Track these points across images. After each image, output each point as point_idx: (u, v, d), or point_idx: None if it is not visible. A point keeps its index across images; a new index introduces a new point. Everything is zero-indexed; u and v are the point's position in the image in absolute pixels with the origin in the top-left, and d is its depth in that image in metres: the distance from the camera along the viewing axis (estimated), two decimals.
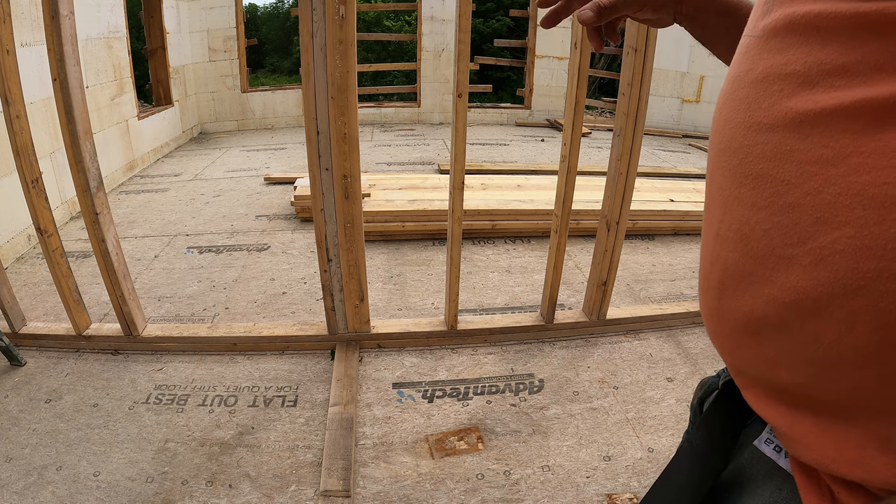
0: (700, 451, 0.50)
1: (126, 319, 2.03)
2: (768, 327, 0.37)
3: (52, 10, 1.54)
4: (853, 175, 0.30)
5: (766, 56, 0.37)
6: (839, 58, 0.32)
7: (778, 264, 0.35)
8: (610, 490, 1.53)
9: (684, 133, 6.96)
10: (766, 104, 0.36)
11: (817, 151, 0.32)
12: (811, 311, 0.33)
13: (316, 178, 1.81)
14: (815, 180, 0.32)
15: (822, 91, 0.32)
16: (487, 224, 3.24)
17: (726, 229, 0.40)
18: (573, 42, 1.82)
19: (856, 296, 0.30)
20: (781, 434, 0.40)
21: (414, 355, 2.12)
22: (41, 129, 3.17)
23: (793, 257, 0.34)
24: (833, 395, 0.34)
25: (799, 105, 0.33)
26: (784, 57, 0.35)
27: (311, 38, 1.62)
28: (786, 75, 0.35)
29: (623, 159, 1.97)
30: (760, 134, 0.36)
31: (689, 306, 2.41)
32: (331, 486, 1.49)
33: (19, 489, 1.48)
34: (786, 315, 0.35)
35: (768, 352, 0.38)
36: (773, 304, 0.36)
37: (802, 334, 0.34)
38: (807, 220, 0.33)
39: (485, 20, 11.74)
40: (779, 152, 0.35)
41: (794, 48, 0.34)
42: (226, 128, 6.73)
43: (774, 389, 0.40)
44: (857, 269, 0.30)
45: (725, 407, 0.50)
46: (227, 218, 3.63)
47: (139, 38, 5.63)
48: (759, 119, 0.36)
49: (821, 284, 0.32)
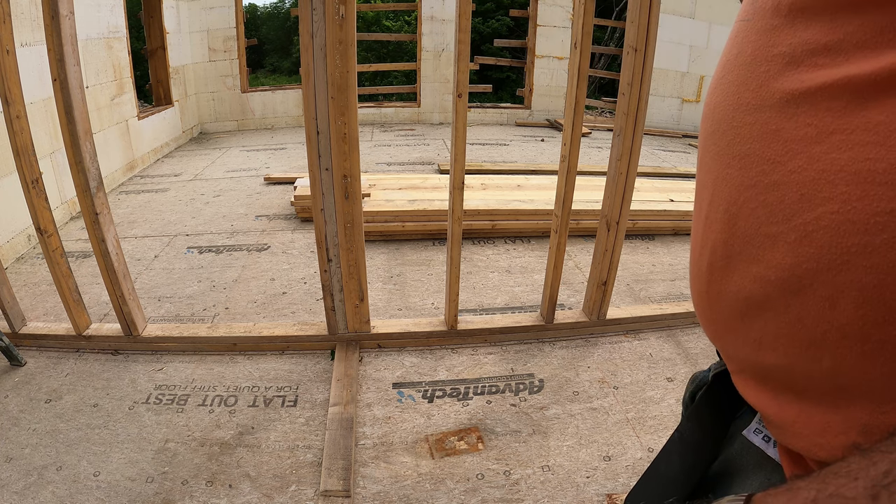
0: (690, 441, 0.50)
1: (126, 319, 2.03)
2: (754, 307, 0.37)
3: (52, 10, 1.54)
4: (836, 152, 0.30)
5: (753, 38, 0.37)
6: (823, 37, 0.32)
7: (764, 242, 0.35)
8: (610, 490, 1.53)
9: (684, 133, 6.96)
10: (753, 85, 0.36)
11: (802, 130, 0.32)
12: (795, 288, 0.33)
13: (316, 178, 1.81)
14: (799, 158, 0.32)
15: (807, 70, 0.33)
16: (487, 224, 3.24)
17: (714, 211, 0.40)
18: (573, 42, 1.82)
19: (839, 271, 0.30)
20: (769, 421, 0.40)
21: (414, 355, 2.12)
22: (41, 129, 3.17)
23: (778, 235, 0.34)
24: (816, 377, 0.34)
25: (785, 85, 0.34)
26: (771, 38, 0.36)
27: (311, 38, 1.62)
28: (773, 56, 0.35)
29: (623, 159, 1.97)
30: (748, 114, 0.37)
31: (689, 306, 2.41)
32: (331, 486, 1.49)
33: (19, 489, 1.48)
34: (771, 293, 0.35)
35: (754, 333, 0.38)
36: (759, 282, 0.36)
37: (787, 313, 0.34)
38: (792, 198, 0.33)
39: (485, 20, 11.73)
40: (765, 132, 0.35)
41: (780, 30, 0.35)
42: (226, 128, 6.74)
43: (761, 374, 0.40)
44: (841, 244, 0.30)
45: (716, 398, 0.50)
46: (227, 218, 3.63)
47: (139, 38, 5.63)
48: (746, 100, 0.37)
49: (805, 261, 0.32)
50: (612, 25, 8.83)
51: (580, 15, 1.76)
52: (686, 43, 6.79)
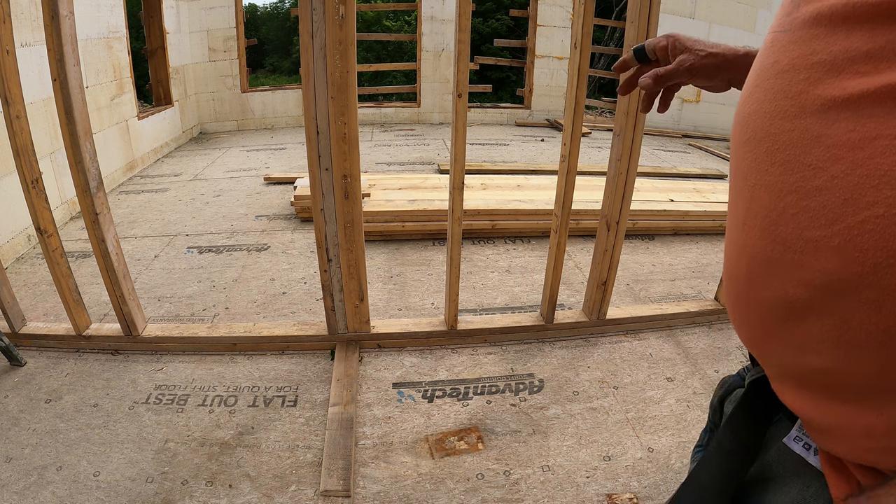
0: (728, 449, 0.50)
1: (126, 319, 2.03)
2: (797, 312, 0.37)
3: (52, 10, 1.54)
4: (880, 157, 0.31)
5: (791, 48, 0.38)
6: (864, 45, 0.32)
7: (806, 247, 0.35)
8: (610, 490, 1.53)
9: (684, 133, 6.96)
10: (792, 92, 0.37)
11: (844, 136, 0.33)
12: (840, 292, 0.33)
13: (316, 178, 1.81)
14: (842, 163, 0.33)
15: (849, 77, 0.33)
16: (487, 224, 3.24)
17: (753, 217, 0.40)
18: (573, 42, 1.82)
19: (885, 274, 0.31)
20: (810, 426, 0.41)
21: (414, 355, 2.12)
22: (41, 129, 3.17)
23: (821, 239, 0.34)
24: (860, 379, 0.34)
25: (826, 92, 0.34)
26: (810, 47, 0.36)
27: (311, 38, 1.62)
28: (812, 64, 0.36)
29: (623, 159, 1.97)
30: (787, 121, 0.37)
31: (688, 306, 2.41)
32: (331, 486, 1.49)
33: (19, 489, 1.48)
34: (815, 298, 0.35)
35: (797, 337, 0.38)
36: (802, 287, 0.36)
37: (831, 316, 0.34)
38: (835, 202, 0.33)
39: (484, 20, 11.73)
40: (806, 138, 0.35)
41: (820, 38, 0.35)
42: (226, 128, 6.74)
43: (802, 378, 0.40)
44: (887, 247, 0.30)
45: (751, 405, 0.50)
46: (227, 218, 3.63)
47: (139, 38, 5.63)
48: (785, 107, 0.37)
49: (850, 265, 0.32)
50: (612, 25, 8.83)
51: (580, 15, 1.76)
52: None
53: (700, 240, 3.39)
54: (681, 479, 1.57)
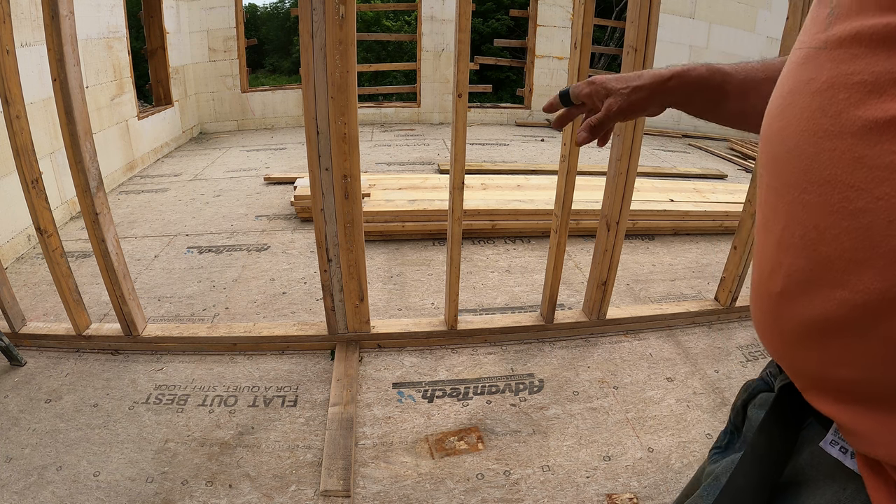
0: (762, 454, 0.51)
1: (126, 319, 2.03)
2: (836, 329, 0.38)
3: (52, 10, 1.54)
4: None
5: (829, 66, 0.38)
6: None
7: (848, 267, 0.36)
8: (610, 490, 1.53)
9: (684, 133, 6.96)
10: (832, 112, 0.37)
11: (887, 157, 0.33)
12: (885, 311, 0.34)
13: (316, 178, 1.81)
14: (886, 185, 0.33)
15: (891, 99, 0.33)
16: (487, 224, 3.24)
17: (790, 236, 0.41)
18: (573, 42, 1.82)
19: None
20: (846, 430, 0.41)
21: (414, 355, 2.12)
22: (41, 129, 3.17)
23: (865, 260, 0.34)
24: None
25: (867, 113, 0.34)
26: (850, 67, 0.36)
27: (311, 38, 1.62)
28: (853, 84, 0.36)
29: (623, 159, 1.97)
30: (827, 141, 0.37)
31: (688, 306, 2.41)
32: (331, 486, 1.49)
33: (19, 489, 1.48)
34: (856, 316, 0.36)
35: (834, 353, 0.39)
36: (844, 306, 0.36)
37: (874, 334, 0.35)
38: (879, 224, 0.33)
39: (484, 20, 11.73)
40: (848, 158, 0.35)
41: (860, 59, 0.35)
42: (226, 128, 6.74)
43: (838, 389, 0.41)
44: None
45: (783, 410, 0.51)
46: (227, 218, 3.63)
47: (139, 38, 5.63)
48: (825, 126, 0.37)
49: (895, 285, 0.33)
50: (612, 25, 8.83)
51: (580, 15, 1.76)
52: (686, 43, 6.79)
53: (700, 240, 3.40)
54: (681, 479, 1.57)
